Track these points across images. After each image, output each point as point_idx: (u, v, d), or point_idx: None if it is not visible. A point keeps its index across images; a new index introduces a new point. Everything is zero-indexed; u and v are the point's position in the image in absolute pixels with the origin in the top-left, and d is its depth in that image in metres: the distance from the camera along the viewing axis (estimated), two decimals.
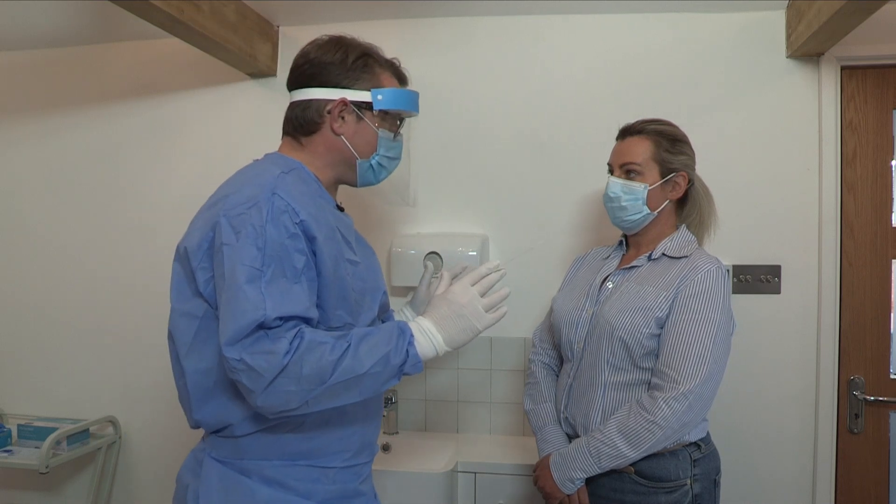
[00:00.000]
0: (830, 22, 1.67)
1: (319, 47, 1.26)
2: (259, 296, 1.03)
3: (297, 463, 1.17)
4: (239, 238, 1.06)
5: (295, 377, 1.03)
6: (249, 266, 1.04)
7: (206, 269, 1.11)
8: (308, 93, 1.24)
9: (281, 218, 1.08)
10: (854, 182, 2.05)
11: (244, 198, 1.10)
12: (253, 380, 1.03)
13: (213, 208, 1.13)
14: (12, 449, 2.23)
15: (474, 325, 1.19)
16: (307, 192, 1.17)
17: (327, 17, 2.18)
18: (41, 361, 2.45)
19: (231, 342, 1.03)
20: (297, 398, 1.05)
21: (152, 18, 1.76)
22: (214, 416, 1.16)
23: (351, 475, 1.24)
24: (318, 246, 1.12)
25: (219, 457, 1.17)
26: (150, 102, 2.38)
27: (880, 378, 2.04)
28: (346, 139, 1.25)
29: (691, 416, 1.40)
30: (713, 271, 1.47)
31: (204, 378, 1.14)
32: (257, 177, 1.15)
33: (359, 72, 1.25)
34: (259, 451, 1.16)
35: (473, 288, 1.21)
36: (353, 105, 1.24)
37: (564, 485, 1.49)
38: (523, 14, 2.16)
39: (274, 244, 1.06)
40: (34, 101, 2.46)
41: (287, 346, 1.03)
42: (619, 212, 1.57)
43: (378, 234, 2.22)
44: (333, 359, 1.05)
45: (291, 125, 1.27)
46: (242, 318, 1.02)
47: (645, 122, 1.58)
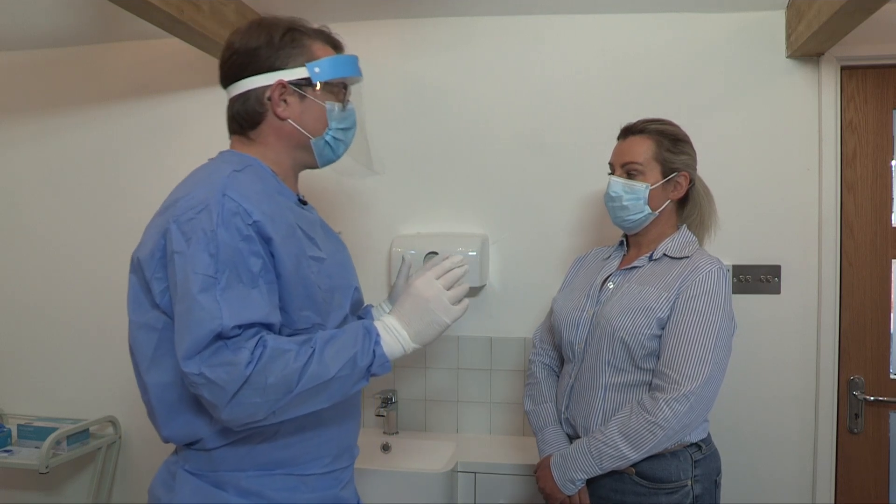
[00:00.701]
0: (830, 22, 1.67)
1: (243, 35, 1.19)
2: (214, 304, 0.98)
3: (273, 472, 1.13)
4: (190, 245, 1.01)
5: (259, 388, 0.99)
6: (202, 274, 0.99)
7: (161, 280, 1.06)
8: (243, 84, 1.18)
9: (233, 220, 1.02)
10: (854, 182, 2.05)
11: (194, 201, 1.04)
12: (215, 393, 0.99)
13: (164, 214, 1.08)
14: (12, 449, 2.23)
15: (441, 318, 1.16)
16: (262, 190, 1.11)
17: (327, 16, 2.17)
18: (41, 361, 2.45)
19: (188, 356, 0.98)
20: (264, 409, 1.01)
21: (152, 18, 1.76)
22: (184, 431, 1.11)
23: (331, 481, 1.20)
24: (275, 247, 1.07)
25: (192, 469, 1.13)
26: (150, 102, 2.38)
27: (880, 378, 2.04)
28: (293, 122, 1.19)
29: (693, 416, 1.40)
30: (714, 272, 1.47)
31: (168, 392, 1.09)
32: (208, 178, 1.09)
33: (288, 49, 1.18)
34: (233, 462, 1.11)
35: (438, 281, 1.17)
36: (292, 85, 1.18)
37: (565, 485, 1.49)
38: (523, 14, 2.16)
39: (227, 249, 1.01)
40: (34, 101, 2.45)
41: (249, 356, 0.98)
42: (620, 211, 1.57)
43: (378, 233, 2.22)
44: (298, 366, 1.01)
45: (236, 123, 1.21)
46: (198, 330, 0.98)
47: (647, 122, 1.58)
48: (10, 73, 2.48)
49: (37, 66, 2.45)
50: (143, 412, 2.50)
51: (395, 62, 2.22)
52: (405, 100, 2.22)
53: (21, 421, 2.32)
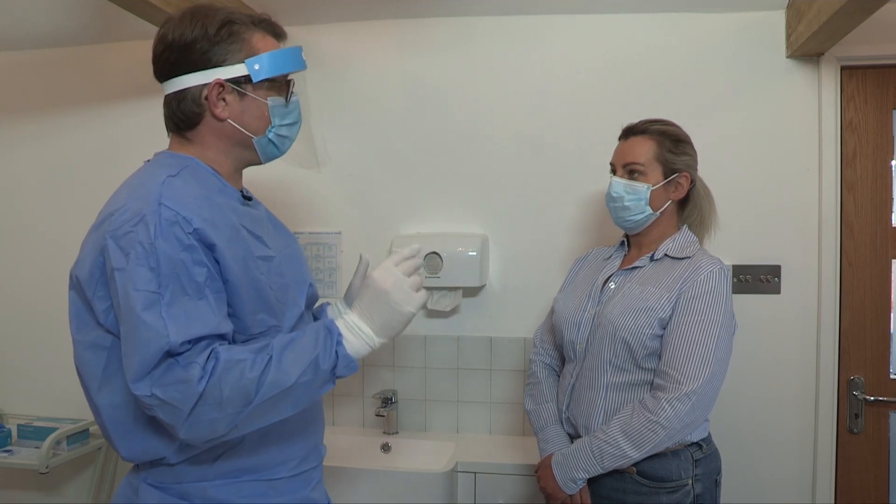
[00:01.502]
0: (830, 22, 1.67)
1: (175, 26, 1.10)
2: (160, 322, 0.93)
3: (240, 479, 1.08)
4: (129, 260, 0.95)
5: (216, 402, 0.94)
6: (144, 291, 0.94)
7: (103, 298, 1.01)
8: (178, 82, 1.11)
9: (172, 230, 0.97)
10: (854, 182, 2.05)
11: (129, 214, 0.98)
12: (170, 414, 0.94)
13: (99, 229, 1.02)
14: (12, 449, 2.22)
15: (405, 308, 1.08)
16: (201, 194, 1.05)
17: (327, 16, 2.18)
18: (41, 361, 2.44)
19: (138, 378, 0.94)
20: (224, 424, 0.97)
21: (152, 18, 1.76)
22: (143, 452, 1.05)
23: (300, 483, 1.16)
24: (219, 252, 1.01)
25: (155, 482, 1.07)
26: (150, 102, 2.37)
27: (880, 378, 2.04)
28: (233, 122, 1.12)
29: (694, 416, 1.40)
30: (716, 272, 1.47)
31: (121, 413, 1.03)
32: (142, 186, 1.03)
33: (226, 43, 1.09)
34: (198, 473, 1.06)
35: (398, 269, 1.10)
36: (231, 83, 1.10)
37: (566, 485, 1.49)
38: (523, 14, 2.16)
39: (168, 261, 0.96)
40: (34, 101, 2.45)
41: (200, 372, 0.94)
42: (621, 212, 1.57)
43: (378, 233, 2.22)
44: (255, 375, 0.96)
45: (172, 122, 1.14)
46: (145, 350, 0.93)
47: (648, 122, 1.59)
48: (10, 73, 2.47)
49: (37, 66, 2.45)
50: None
51: (395, 62, 2.22)
52: (405, 100, 2.22)
53: (21, 421, 2.31)
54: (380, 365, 2.25)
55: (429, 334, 2.24)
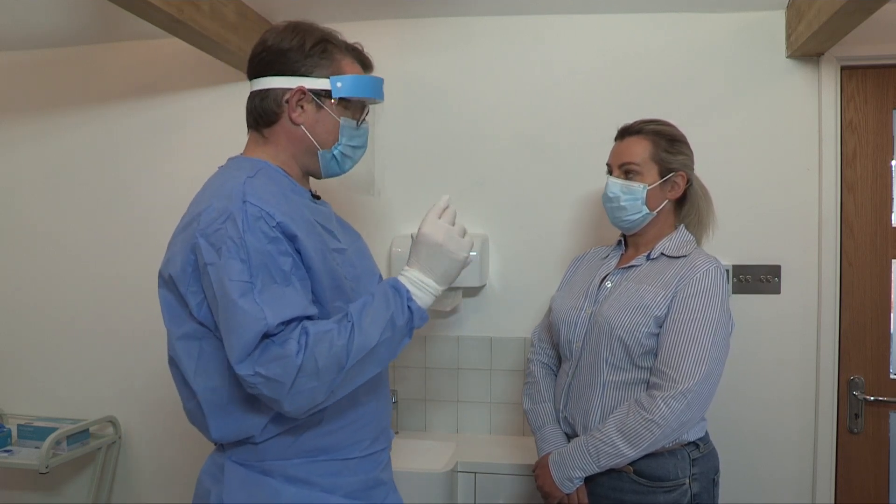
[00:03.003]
0: (830, 22, 1.67)
1: (277, 34, 1.21)
2: (256, 307, 1.02)
3: (317, 459, 1.17)
4: (221, 255, 1.04)
5: (313, 372, 1.03)
6: (238, 281, 1.03)
7: (196, 293, 1.10)
8: (266, 82, 1.21)
9: (257, 225, 1.06)
10: (854, 182, 2.05)
11: (216, 212, 1.07)
12: (274, 389, 1.02)
13: (188, 229, 1.11)
14: (12, 449, 2.23)
15: (459, 255, 1.18)
16: (278, 192, 1.14)
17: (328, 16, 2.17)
18: (41, 361, 2.45)
19: (241, 359, 1.02)
20: (322, 391, 1.05)
21: (152, 18, 1.76)
22: (234, 431, 1.14)
23: (371, 464, 1.23)
24: (300, 243, 1.10)
25: (239, 460, 1.16)
26: (150, 102, 2.38)
27: (880, 378, 2.04)
28: (306, 129, 1.22)
29: (690, 415, 1.40)
30: (712, 271, 1.47)
31: (217, 396, 1.13)
32: (223, 186, 1.12)
33: (317, 58, 1.20)
34: (279, 451, 1.15)
35: (441, 220, 1.19)
36: (312, 93, 1.20)
37: (563, 484, 1.49)
38: (523, 14, 2.16)
39: (257, 253, 1.05)
40: (34, 101, 2.46)
41: (296, 346, 1.02)
42: (618, 212, 1.57)
43: (378, 234, 2.22)
44: (343, 342, 1.05)
45: (252, 117, 1.24)
46: (246, 333, 1.01)
47: (643, 123, 1.59)
48: (10, 73, 2.48)
49: (37, 66, 2.45)
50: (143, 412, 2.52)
51: (395, 62, 2.22)
52: (405, 100, 2.22)
53: (21, 421, 2.32)
54: None
55: (429, 334, 2.24)
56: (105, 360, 2.40)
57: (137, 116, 2.38)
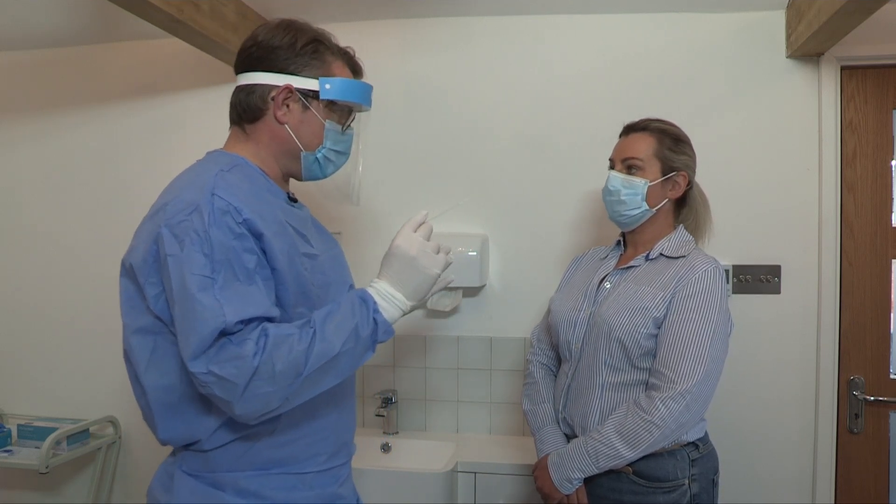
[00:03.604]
0: (830, 22, 1.67)
1: (269, 30, 1.18)
2: (215, 303, 0.98)
3: (271, 471, 1.12)
4: (183, 247, 1.00)
5: (269, 377, 0.99)
6: (199, 275, 0.99)
7: (155, 284, 1.06)
8: (253, 77, 1.17)
9: (224, 219, 1.02)
10: (854, 182, 2.05)
11: (183, 204, 1.03)
12: (227, 390, 0.98)
13: (154, 218, 1.07)
14: (12, 449, 2.23)
15: (431, 271, 1.15)
16: (250, 189, 1.11)
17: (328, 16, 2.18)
18: (41, 361, 2.45)
19: (195, 356, 0.98)
20: (277, 397, 1.01)
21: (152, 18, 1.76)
22: (182, 433, 1.10)
23: (329, 479, 1.19)
24: (266, 242, 1.06)
25: (190, 470, 1.12)
26: (150, 102, 2.38)
27: (880, 378, 2.04)
28: (290, 128, 1.18)
29: (689, 416, 1.40)
30: (710, 271, 1.47)
31: (167, 395, 1.09)
32: (196, 179, 1.09)
33: (307, 58, 1.17)
34: (231, 462, 1.11)
35: (416, 234, 1.17)
36: (299, 93, 1.17)
37: (563, 485, 1.49)
38: (523, 14, 2.16)
39: (221, 247, 1.01)
40: (34, 101, 2.46)
41: (254, 347, 0.98)
42: (617, 206, 1.57)
43: (378, 234, 2.22)
44: (303, 348, 1.01)
45: (236, 111, 1.21)
46: (203, 329, 0.97)
47: (649, 120, 1.59)
48: (10, 73, 2.48)
49: (37, 66, 2.45)
50: None
51: (395, 62, 2.22)
52: (405, 100, 2.22)
53: (21, 421, 2.32)
54: (380, 365, 2.26)
55: (429, 334, 2.24)
56: (105, 360, 2.39)
57: (137, 116, 2.38)
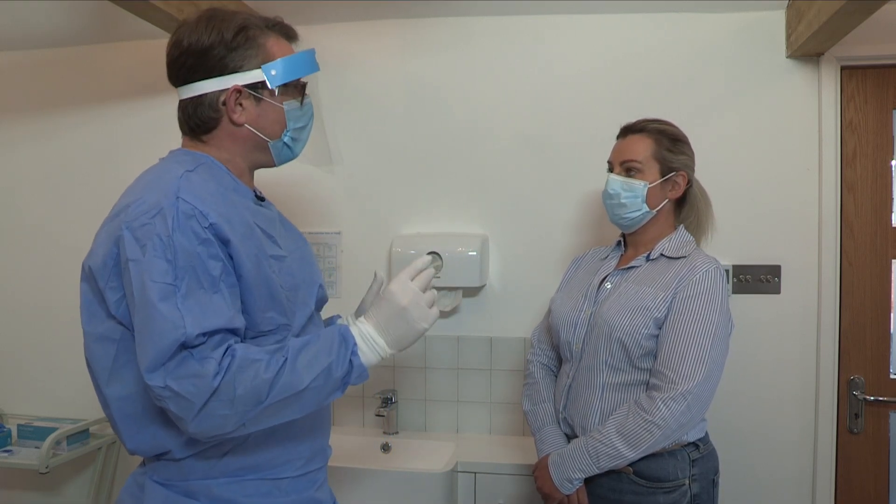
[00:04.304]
0: (830, 22, 1.67)
1: (192, 32, 1.10)
2: (176, 313, 0.94)
3: (245, 478, 1.08)
4: (145, 252, 0.96)
5: (228, 400, 0.95)
6: (161, 282, 0.94)
7: (116, 289, 1.01)
8: (195, 88, 1.11)
9: (189, 224, 0.97)
10: (854, 182, 2.05)
11: (147, 206, 0.99)
12: (182, 407, 0.94)
13: (115, 220, 1.02)
14: (12, 449, 2.23)
15: (419, 325, 1.11)
16: (216, 191, 1.06)
17: (327, 16, 2.18)
18: (41, 361, 2.45)
19: (153, 368, 0.94)
20: (233, 421, 0.97)
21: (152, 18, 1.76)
22: (150, 444, 1.06)
23: (305, 483, 1.16)
24: (233, 248, 1.02)
25: (161, 479, 1.08)
26: (150, 102, 2.38)
27: (880, 378, 2.04)
28: (250, 126, 1.13)
29: (690, 416, 1.40)
30: (711, 272, 1.47)
31: (130, 405, 1.04)
32: (159, 180, 1.04)
33: (242, 49, 1.10)
34: (204, 470, 1.07)
35: (414, 283, 1.12)
36: (248, 89, 1.11)
37: (563, 485, 1.49)
38: (523, 14, 2.16)
39: (185, 254, 0.96)
40: (34, 101, 2.45)
41: (216, 367, 0.94)
42: (618, 209, 1.57)
43: (378, 233, 2.22)
44: (269, 377, 0.97)
45: (188, 126, 1.15)
46: (161, 341, 0.93)
47: (646, 121, 1.59)
48: (10, 73, 2.48)
49: (37, 66, 2.45)
50: None
51: (395, 62, 2.22)
52: (405, 100, 2.22)
53: (21, 421, 2.32)
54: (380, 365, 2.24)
55: (429, 334, 2.22)
56: None
57: (137, 116, 2.38)
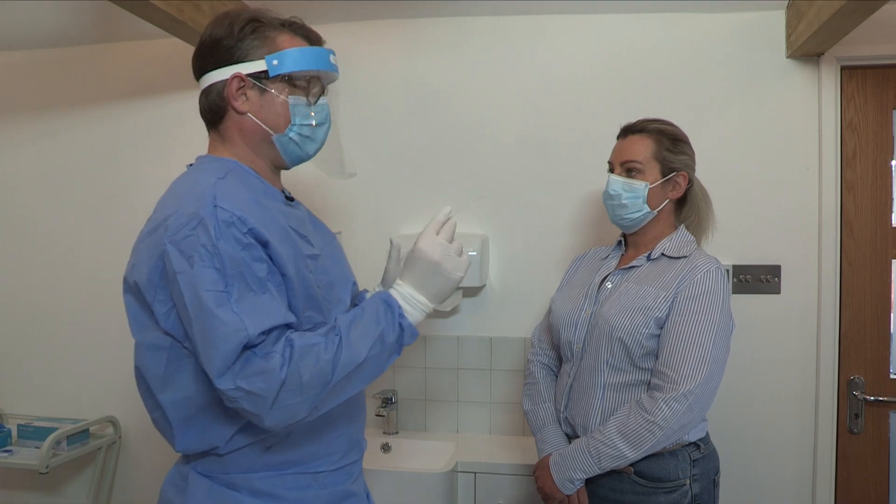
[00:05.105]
0: (830, 22, 1.67)
1: (209, 27, 1.15)
2: (234, 317, 0.97)
3: (285, 472, 1.12)
4: (193, 263, 0.98)
5: (297, 388, 0.98)
6: (213, 290, 0.97)
7: (164, 302, 1.04)
8: (207, 78, 1.16)
9: (230, 231, 1.00)
10: (854, 182, 2.05)
11: (186, 217, 1.01)
12: (256, 404, 0.98)
13: (155, 234, 1.05)
14: (12, 449, 2.23)
15: (454, 275, 1.14)
16: (249, 197, 1.08)
17: (327, 16, 2.18)
18: (41, 361, 2.45)
19: (221, 372, 0.97)
20: (305, 407, 1.01)
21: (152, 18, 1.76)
22: (199, 443, 1.10)
23: (342, 476, 1.19)
24: (272, 250, 1.05)
25: (204, 471, 1.11)
26: (150, 102, 2.38)
27: (880, 378, 2.04)
28: (252, 115, 1.15)
29: (691, 416, 1.40)
30: (713, 271, 1.47)
31: (184, 408, 1.08)
32: (192, 190, 1.06)
33: (249, 41, 1.13)
34: (246, 464, 1.11)
35: (440, 237, 1.15)
36: (252, 78, 1.13)
37: (564, 485, 1.49)
38: (523, 14, 2.16)
39: (231, 260, 0.99)
40: (34, 101, 2.46)
41: (280, 360, 0.97)
42: (619, 209, 1.57)
43: (378, 233, 2.22)
44: (330, 357, 1.00)
45: (205, 118, 1.19)
46: (225, 346, 0.96)
47: (647, 121, 1.59)
48: (10, 73, 2.48)
49: (37, 66, 2.45)
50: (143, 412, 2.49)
51: (395, 62, 2.22)
52: (405, 100, 2.22)
53: (21, 421, 2.32)
54: None
55: (429, 334, 2.24)
56: (105, 360, 2.40)
57: (137, 116, 2.38)
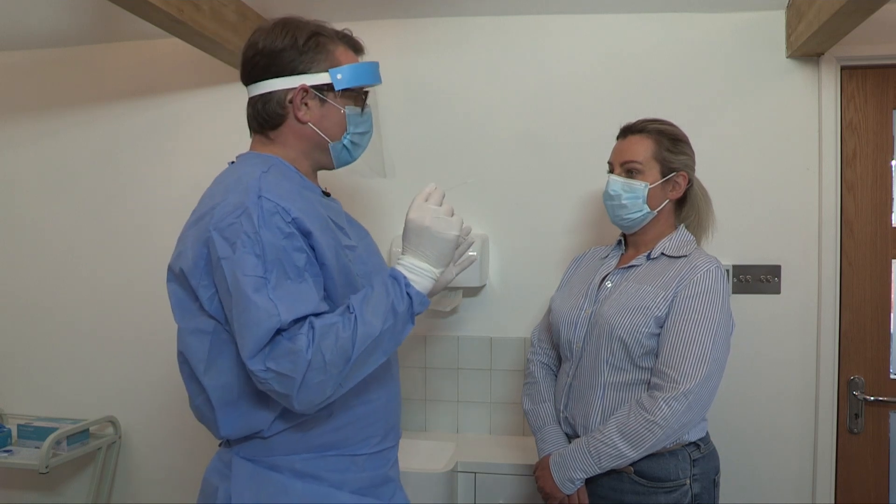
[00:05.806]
0: (830, 22, 1.67)
1: (267, 34, 1.21)
2: (269, 303, 1.03)
3: (326, 454, 1.17)
4: (235, 250, 1.05)
5: (321, 367, 1.03)
6: (252, 275, 1.03)
7: (208, 287, 1.10)
8: (265, 85, 1.21)
9: (273, 220, 1.06)
10: (854, 182, 2.05)
11: (231, 206, 1.08)
12: (285, 384, 1.03)
13: (201, 223, 1.11)
14: (12, 449, 2.23)
15: (448, 234, 1.19)
16: (292, 188, 1.15)
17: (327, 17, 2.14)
18: (41, 361, 2.45)
19: (253, 353, 1.03)
20: (330, 384, 1.05)
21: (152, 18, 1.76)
22: (242, 427, 1.15)
23: (380, 461, 1.24)
24: (314, 240, 1.11)
25: (247, 455, 1.17)
26: (150, 102, 2.38)
27: (880, 378, 2.04)
28: (313, 125, 1.23)
29: (691, 415, 1.40)
30: (712, 271, 1.47)
31: (227, 392, 1.14)
32: (239, 182, 1.12)
33: (312, 53, 1.21)
34: (288, 446, 1.16)
35: (428, 203, 1.21)
36: (314, 89, 1.21)
37: (564, 485, 1.49)
38: (523, 14, 2.16)
39: (272, 248, 1.05)
40: (34, 101, 2.45)
41: (306, 341, 1.03)
42: (619, 210, 1.57)
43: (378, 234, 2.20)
44: (348, 335, 1.05)
45: (256, 122, 1.25)
46: (258, 329, 1.02)
47: (646, 122, 1.59)
48: (10, 73, 2.48)
49: (37, 66, 2.45)
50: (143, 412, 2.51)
51: (395, 62, 2.22)
52: (405, 100, 2.22)
53: (21, 421, 2.32)
54: None
55: (429, 334, 2.24)
56: (105, 360, 2.40)
57: (137, 116, 2.38)
